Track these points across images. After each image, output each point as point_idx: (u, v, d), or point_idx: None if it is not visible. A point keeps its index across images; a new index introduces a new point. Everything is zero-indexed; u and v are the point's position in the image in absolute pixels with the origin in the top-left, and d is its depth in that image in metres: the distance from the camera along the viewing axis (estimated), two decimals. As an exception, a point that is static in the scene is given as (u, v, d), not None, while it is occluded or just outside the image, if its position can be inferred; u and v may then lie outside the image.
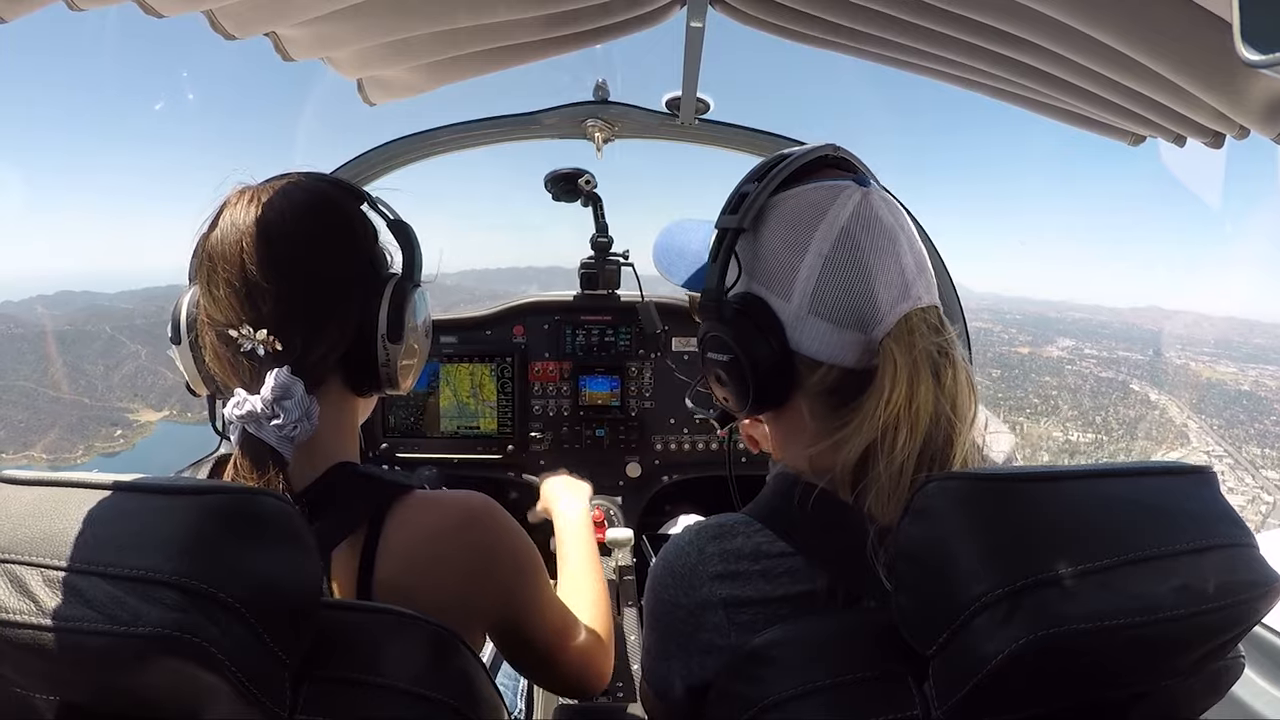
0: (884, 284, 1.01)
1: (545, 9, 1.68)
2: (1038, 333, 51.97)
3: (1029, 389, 45.32)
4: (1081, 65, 1.41)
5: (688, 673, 1.03)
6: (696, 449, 2.75)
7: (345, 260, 1.14)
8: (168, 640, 0.72)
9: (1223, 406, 44.75)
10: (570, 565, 1.66)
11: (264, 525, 0.81)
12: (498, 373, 2.69)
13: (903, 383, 0.97)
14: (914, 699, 0.84)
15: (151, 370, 40.08)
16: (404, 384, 1.21)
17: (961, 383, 1.01)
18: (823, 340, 1.02)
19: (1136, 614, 0.76)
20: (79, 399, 40.18)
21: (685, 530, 1.09)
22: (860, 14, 1.56)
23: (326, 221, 1.14)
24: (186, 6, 1.28)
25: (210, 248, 1.08)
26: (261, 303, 1.06)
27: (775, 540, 1.02)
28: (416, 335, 1.20)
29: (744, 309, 1.06)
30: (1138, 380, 47.35)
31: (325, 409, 1.10)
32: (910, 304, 1.02)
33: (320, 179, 1.19)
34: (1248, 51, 0.62)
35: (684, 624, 1.03)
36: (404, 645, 0.90)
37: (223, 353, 1.08)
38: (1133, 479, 0.86)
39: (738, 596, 1.00)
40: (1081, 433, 42.17)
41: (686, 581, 1.03)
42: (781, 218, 1.06)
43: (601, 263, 2.64)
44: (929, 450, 0.97)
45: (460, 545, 1.10)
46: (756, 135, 2.52)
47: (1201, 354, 50.36)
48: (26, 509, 0.79)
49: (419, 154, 2.57)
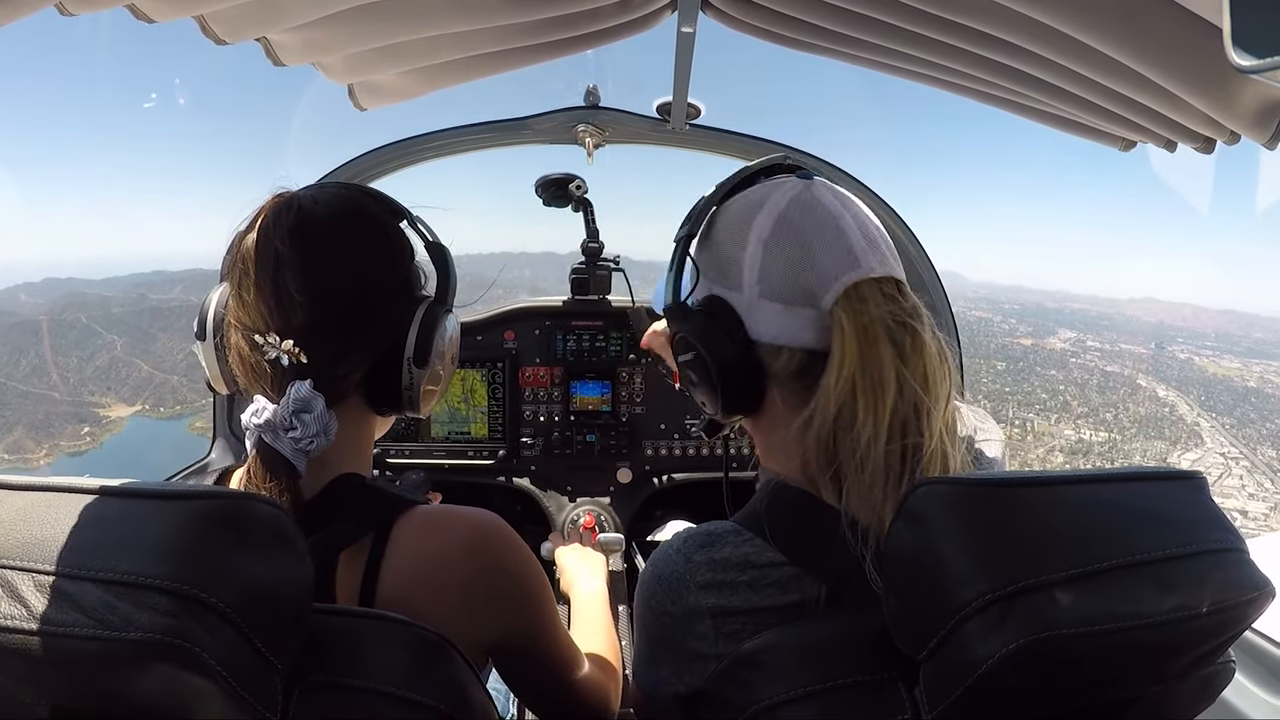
0: (828, 256, 1.02)
1: (536, 14, 1.68)
2: (1038, 323, 51.77)
3: (1035, 383, 45.05)
4: (1073, 71, 1.42)
5: (676, 679, 1.02)
6: (687, 454, 2.74)
7: (380, 279, 1.13)
8: (159, 645, 0.71)
9: (1232, 404, 44.37)
10: (583, 616, 1.69)
11: (255, 530, 0.81)
12: (489, 378, 2.68)
13: (853, 349, 0.97)
14: (904, 704, 0.84)
15: (126, 362, 39.22)
16: (424, 409, 1.19)
17: (930, 355, 1.00)
18: (777, 322, 1.03)
19: (1127, 619, 0.76)
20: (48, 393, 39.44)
21: (674, 538, 1.08)
22: (851, 19, 1.56)
23: (365, 238, 1.12)
24: (178, 12, 1.28)
25: (245, 251, 1.07)
26: (292, 314, 1.05)
27: (764, 549, 1.01)
28: (443, 361, 1.19)
29: (703, 308, 1.09)
30: (1144, 375, 47.02)
31: (343, 424, 1.09)
32: (860, 273, 1.01)
33: (362, 191, 1.17)
34: (1238, 57, 0.62)
35: (672, 631, 1.02)
36: (394, 650, 0.90)
37: (247, 357, 1.07)
38: (1123, 484, 0.86)
39: (724, 606, 0.99)
40: (1094, 431, 41.82)
41: (674, 590, 1.02)
42: (725, 218, 1.10)
43: (592, 268, 2.63)
44: (896, 426, 0.96)
45: (466, 567, 1.08)
46: (747, 140, 2.53)
47: (1204, 348, 50.16)
48: (16, 513, 0.79)
49: (410, 159, 2.57)
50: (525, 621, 1.16)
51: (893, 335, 0.98)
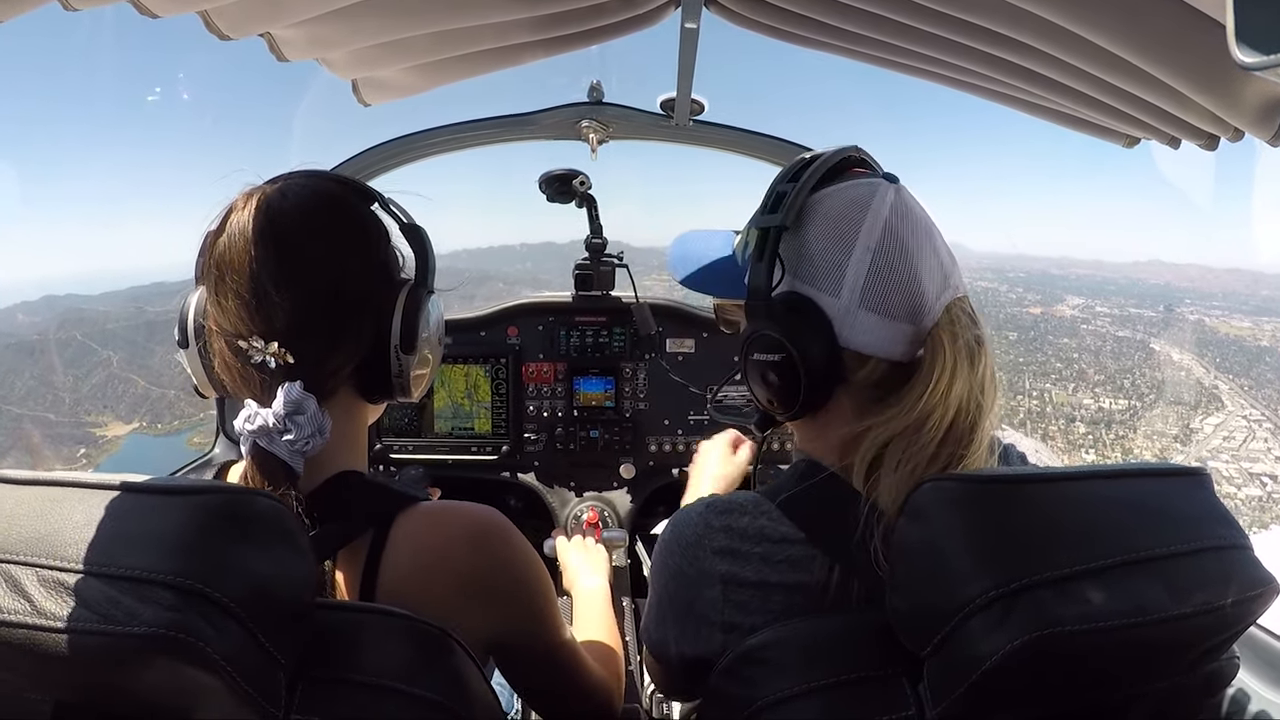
0: (928, 274, 1.03)
1: (540, 10, 1.68)
2: (1045, 291, 51.21)
3: (1049, 352, 44.44)
4: (1076, 67, 1.42)
5: (682, 638, 1.06)
6: (691, 450, 2.74)
7: (359, 269, 1.11)
8: (163, 640, 0.71)
9: (1247, 365, 43.60)
10: (586, 613, 1.68)
11: (258, 525, 0.81)
12: (492, 374, 2.68)
13: (948, 371, 0.99)
14: (909, 700, 0.85)
15: (122, 378, 38.48)
16: (416, 393, 1.18)
17: (991, 371, 1.03)
18: (873, 333, 1.03)
19: (1131, 615, 0.76)
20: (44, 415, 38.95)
21: (697, 502, 1.11)
22: (854, 15, 1.56)
23: (339, 228, 1.10)
24: (181, 7, 1.27)
25: (218, 256, 1.04)
26: (273, 315, 1.02)
27: (781, 522, 1.03)
28: (430, 344, 1.18)
29: (793, 307, 1.06)
30: (1156, 339, 46.24)
31: (336, 417, 1.07)
32: (952, 293, 1.04)
33: (329, 179, 1.15)
34: (1242, 54, 0.62)
35: (684, 592, 1.05)
36: (397, 644, 0.90)
37: (232, 362, 1.05)
38: (1127, 480, 0.87)
39: (736, 575, 1.01)
40: (1113, 399, 41.19)
41: (691, 551, 1.05)
42: (824, 215, 1.06)
43: (596, 264, 2.63)
44: (952, 435, 0.98)
45: (467, 563, 1.07)
46: (751, 136, 2.52)
47: (1213, 308, 49.50)
48: (21, 509, 0.79)
49: (414, 155, 2.57)
50: (526, 618, 1.16)
51: (972, 355, 1.01)
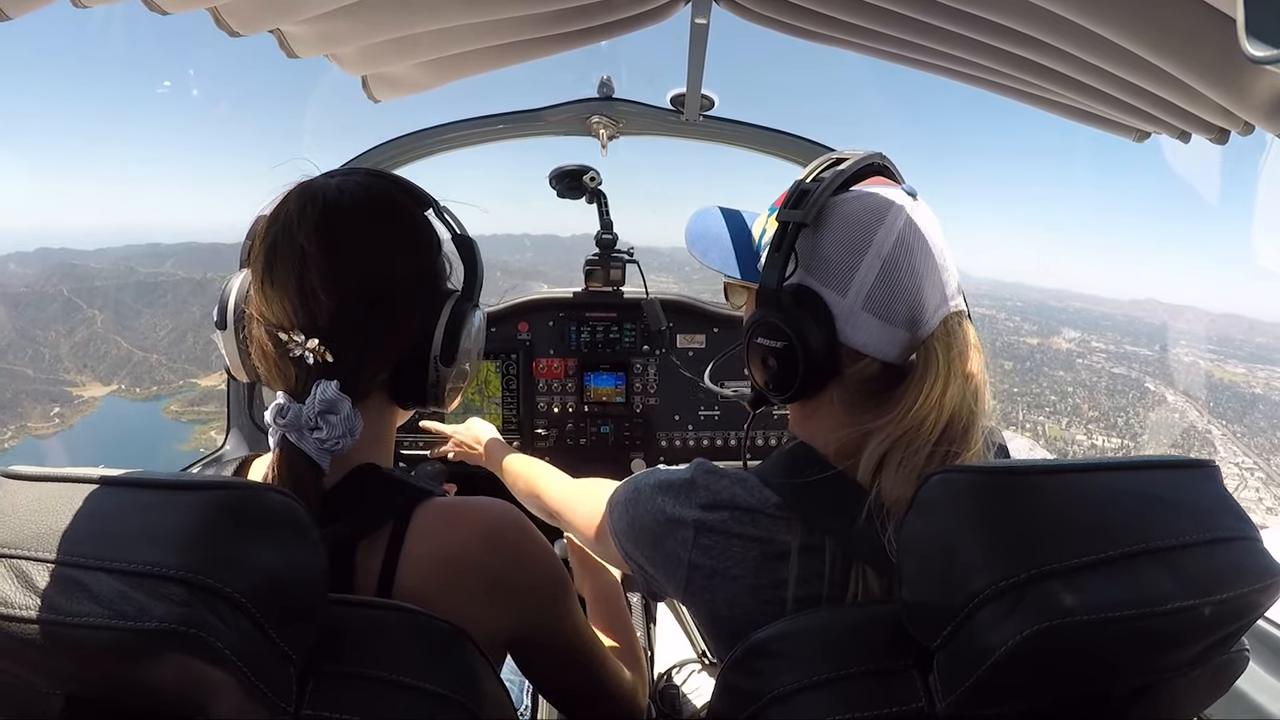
0: (931, 287, 1.07)
1: (549, 6, 1.68)
2: (1042, 322, 51.30)
3: (1044, 384, 44.56)
4: (1087, 62, 1.42)
5: (650, 565, 1.18)
6: (701, 445, 2.75)
7: (409, 277, 1.10)
8: (174, 635, 0.72)
9: (1241, 411, 43.66)
10: (600, 609, 1.66)
11: (269, 520, 0.81)
12: (503, 369, 2.69)
13: (941, 380, 1.04)
14: (919, 692, 0.85)
15: (105, 338, 37.67)
16: (450, 405, 1.17)
17: (983, 375, 1.10)
18: (871, 335, 1.07)
19: (1140, 606, 0.76)
20: (22, 370, 38.16)
21: (694, 460, 1.17)
22: (865, 10, 1.56)
23: (394, 234, 1.09)
24: (192, 4, 1.28)
25: (268, 244, 1.04)
26: (317, 312, 1.02)
27: (758, 489, 1.09)
28: (469, 357, 1.16)
29: (801, 300, 1.10)
30: (1151, 378, 46.37)
31: (366, 419, 1.07)
32: (950, 307, 1.09)
33: (388, 179, 1.14)
34: (1253, 48, 0.62)
35: (660, 527, 1.14)
36: (409, 640, 0.90)
37: (269, 351, 1.04)
38: (1136, 472, 0.87)
39: (708, 522, 1.09)
40: (1106, 436, 41.19)
41: (676, 495, 1.14)
42: (844, 217, 1.10)
43: (606, 259, 2.64)
44: (948, 436, 1.04)
45: (484, 560, 1.07)
46: (761, 132, 2.52)
47: (1207, 352, 49.67)
48: (31, 504, 0.79)
49: (424, 150, 2.57)
50: (546, 615, 1.15)
51: (965, 363, 1.07)
